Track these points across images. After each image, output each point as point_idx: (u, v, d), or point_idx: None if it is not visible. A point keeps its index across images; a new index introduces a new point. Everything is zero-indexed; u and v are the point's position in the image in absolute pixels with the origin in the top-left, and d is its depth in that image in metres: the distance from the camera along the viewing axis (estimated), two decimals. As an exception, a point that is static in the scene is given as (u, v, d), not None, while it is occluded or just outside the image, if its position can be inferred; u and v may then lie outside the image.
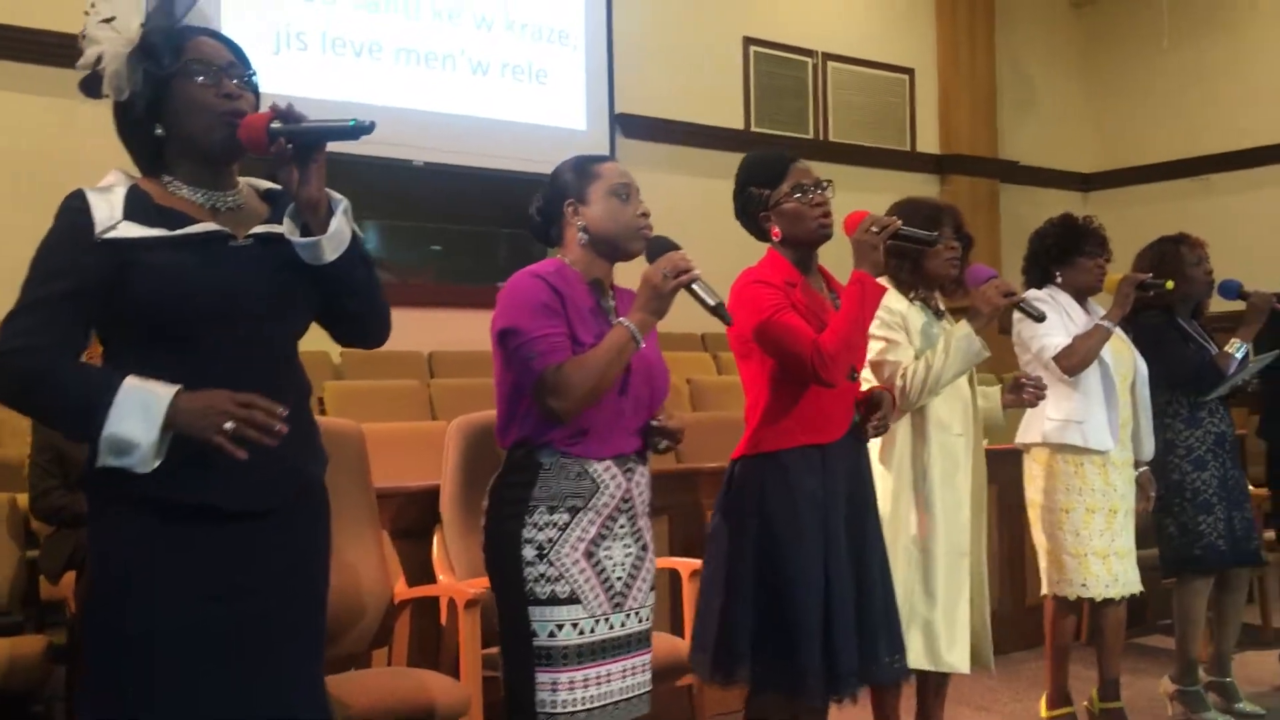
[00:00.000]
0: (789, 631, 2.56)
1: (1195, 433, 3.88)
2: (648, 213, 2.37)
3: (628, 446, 2.34)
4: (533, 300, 2.27)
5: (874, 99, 9.76)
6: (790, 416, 2.63)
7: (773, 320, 2.58)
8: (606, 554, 2.30)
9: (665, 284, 2.19)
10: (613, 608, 2.31)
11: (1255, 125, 9.63)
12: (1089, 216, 3.75)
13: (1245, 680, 4.36)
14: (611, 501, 2.31)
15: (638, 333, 2.21)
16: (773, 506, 2.60)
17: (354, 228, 1.91)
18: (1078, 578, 3.53)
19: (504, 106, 7.82)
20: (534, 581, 2.25)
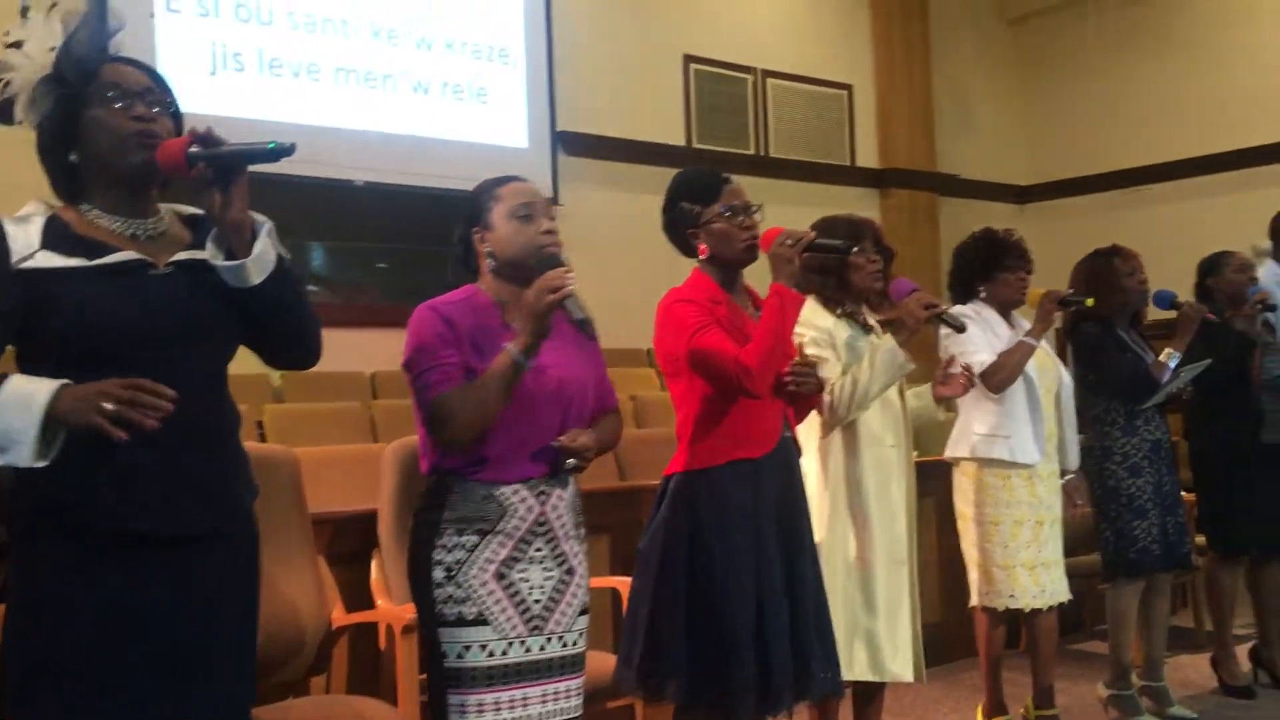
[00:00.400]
0: (721, 646, 2.57)
1: (1132, 440, 3.97)
2: (553, 230, 2.36)
3: (537, 470, 2.33)
4: (423, 332, 2.29)
5: (813, 115, 9.87)
6: (720, 432, 2.65)
7: (697, 338, 2.61)
8: (522, 577, 2.29)
9: (539, 303, 2.19)
10: (529, 631, 2.29)
11: (1184, 138, 9.86)
12: (1009, 230, 3.83)
13: (1179, 684, 4.46)
14: (523, 525, 2.30)
15: (520, 357, 2.21)
16: (705, 522, 2.62)
17: (280, 250, 1.91)
18: (1006, 589, 3.60)
19: (445, 125, 7.82)
20: (443, 603, 2.25)
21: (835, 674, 2.78)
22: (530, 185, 2.42)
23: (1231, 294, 4.41)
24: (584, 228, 8.38)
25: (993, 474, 3.62)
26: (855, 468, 3.12)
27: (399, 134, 7.59)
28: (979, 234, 3.85)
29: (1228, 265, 4.44)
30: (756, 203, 2.75)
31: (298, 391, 6.15)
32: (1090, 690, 4.26)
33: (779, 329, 2.61)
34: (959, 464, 3.74)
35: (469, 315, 2.31)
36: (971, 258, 3.80)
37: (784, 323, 2.61)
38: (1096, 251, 4.11)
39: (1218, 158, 9.62)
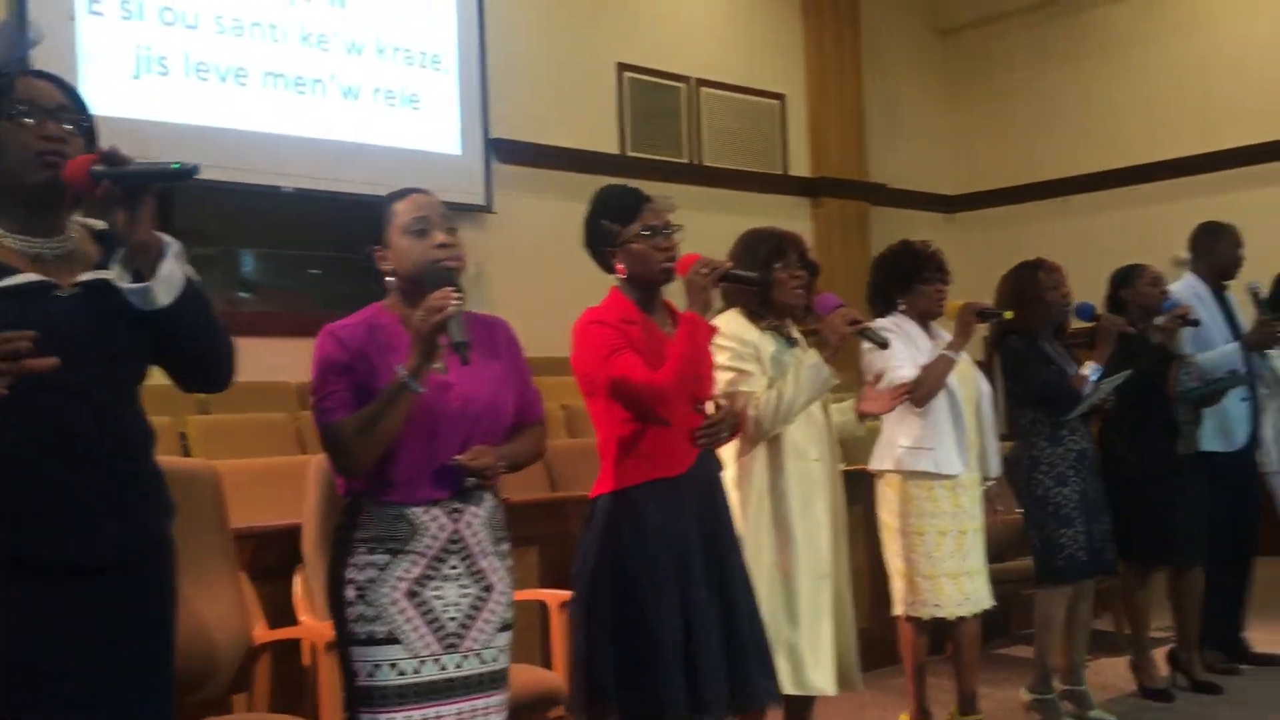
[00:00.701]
0: (651, 666, 2.58)
1: (1057, 450, 4.05)
2: (449, 242, 2.32)
3: (446, 490, 2.30)
4: (319, 359, 2.27)
5: (747, 124, 9.93)
6: (637, 452, 2.66)
7: (610, 362, 2.61)
8: (435, 595, 2.27)
9: (423, 325, 2.16)
10: (444, 649, 2.27)
11: (1109, 150, 10.07)
12: (926, 242, 3.88)
13: (1099, 687, 4.55)
14: (435, 544, 2.28)
15: (408, 379, 2.17)
16: (626, 543, 2.63)
17: (188, 271, 1.88)
18: (931, 598, 3.65)
19: (376, 131, 7.74)
20: (354, 621, 2.25)
21: (774, 682, 2.80)
22: (427, 197, 2.38)
23: (1144, 306, 4.51)
24: (517, 235, 8.37)
25: (917, 485, 3.67)
26: (779, 481, 3.15)
27: (329, 140, 7.50)
28: (896, 246, 3.90)
29: (1141, 278, 4.54)
30: (676, 224, 2.75)
31: (224, 402, 6.03)
32: (1014, 695, 4.33)
33: (689, 357, 2.61)
34: (882, 476, 3.78)
35: (366, 336, 2.28)
36: (890, 270, 3.85)
37: (695, 351, 2.62)
38: (1021, 265, 4.19)
39: (1141, 169, 9.84)
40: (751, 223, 9.49)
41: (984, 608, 3.75)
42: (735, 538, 2.84)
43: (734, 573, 2.77)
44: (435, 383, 2.24)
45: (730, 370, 3.12)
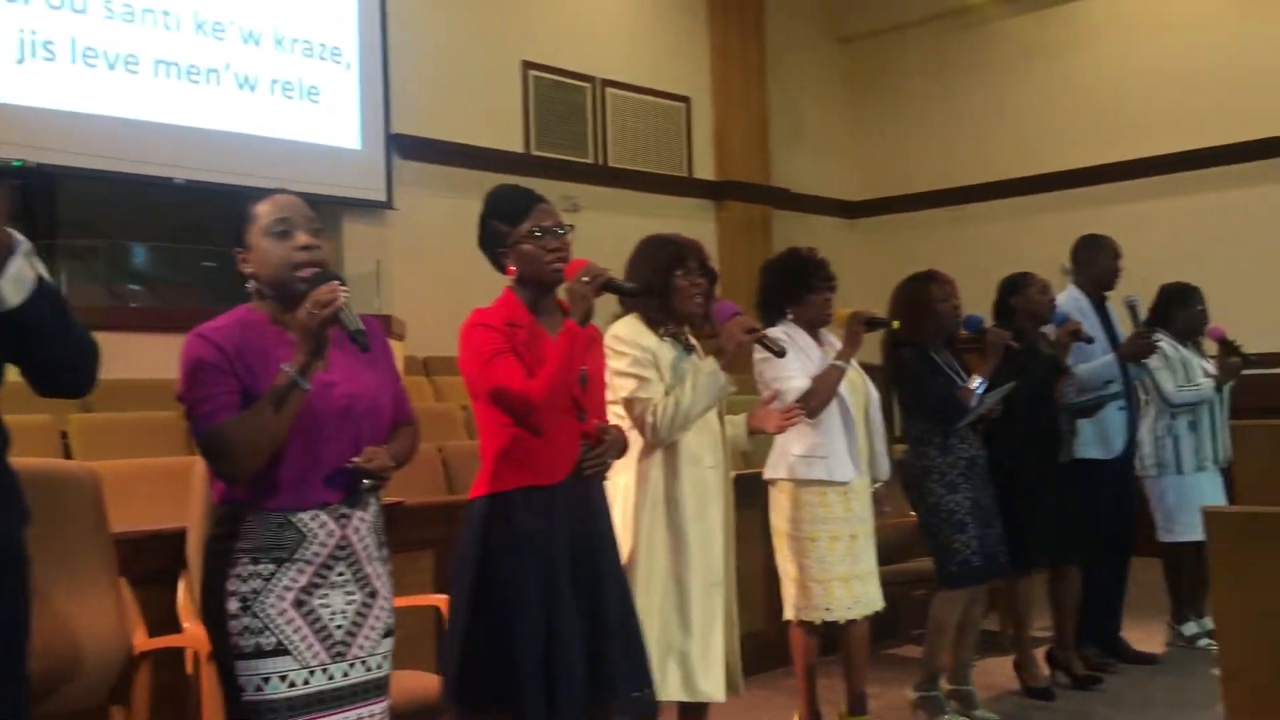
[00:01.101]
0: (512, 673, 2.56)
1: (948, 459, 4.13)
2: (310, 245, 2.26)
3: (332, 495, 2.25)
4: (192, 361, 2.18)
5: (652, 125, 9.97)
6: (514, 458, 2.64)
7: (487, 367, 2.59)
8: (322, 603, 2.23)
9: (311, 320, 2.12)
10: (332, 658, 2.24)
11: (1002, 160, 10.34)
12: (812, 249, 3.92)
13: (985, 686, 4.66)
14: (323, 551, 2.23)
15: (297, 377, 2.13)
16: (496, 547, 2.61)
17: (41, 271, 1.81)
18: (822, 602, 3.70)
19: (273, 124, 7.59)
20: (239, 634, 2.18)
21: (649, 693, 2.79)
22: (289, 199, 2.32)
23: (1033, 314, 4.63)
24: (419, 233, 8.29)
25: (810, 492, 3.72)
26: (674, 488, 3.14)
27: (224, 131, 7.33)
28: (784, 255, 3.93)
29: (1030, 286, 4.67)
30: (568, 225, 2.74)
31: (108, 400, 5.83)
32: (903, 694, 4.41)
33: (564, 370, 2.59)
34: (776, 483, 3.82)
35: (241, 338, 2.22)
36: (778, 279, 3.88)
37: (571, 361, 2.59)
38: (913, 276, 4.25)
39: (1038, 179, 10.12)
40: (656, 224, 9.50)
41: (874, 610, 3.81)
42: (612, 549, 2.81)
43: (605, 585, 2.73)
44: (316, 381, 2.18)
45: (631, 378, 3.12)
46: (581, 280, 2.60)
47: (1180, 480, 5.17)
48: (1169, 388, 5.12)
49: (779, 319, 3.85)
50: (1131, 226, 8.78)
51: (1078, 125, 9.94)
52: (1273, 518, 2.63)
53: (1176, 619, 5.39)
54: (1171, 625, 5.39)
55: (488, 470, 2.68)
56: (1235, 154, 9.05)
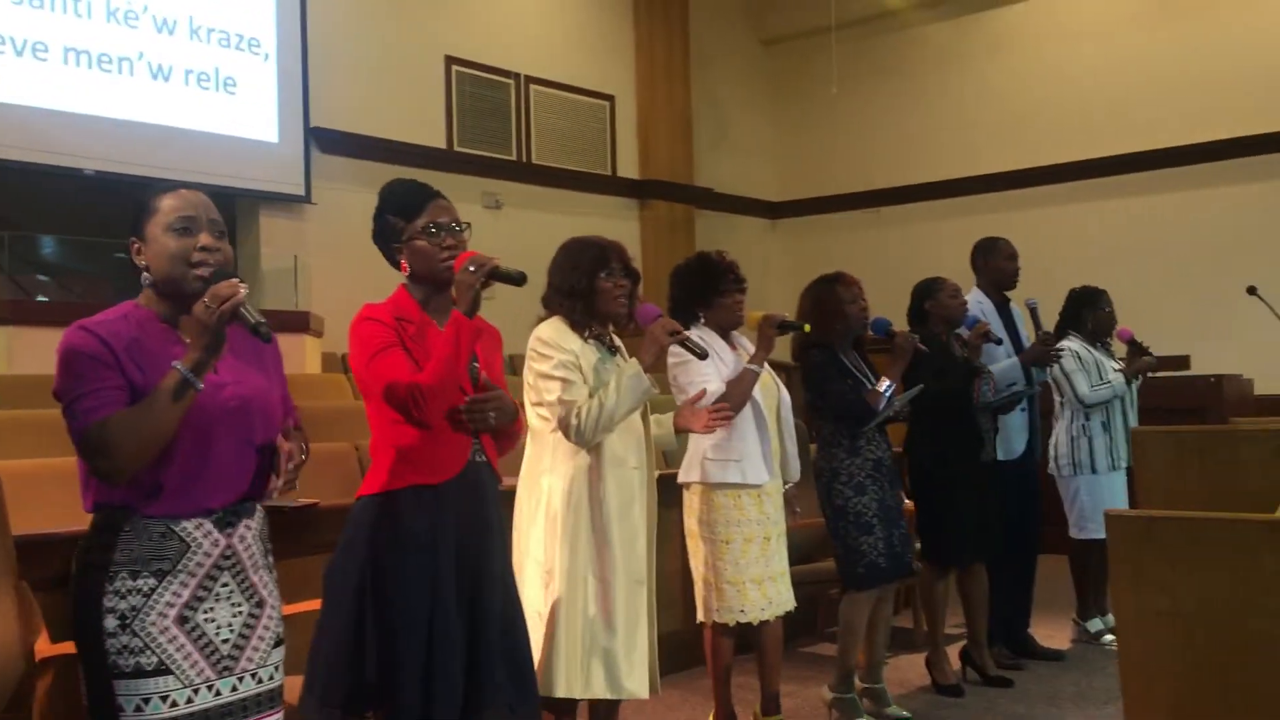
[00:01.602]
0: (390, 676, 2.52)
1: (856, 460, 4.17)
2: (211, 246, 2.19)
3: (222, 498, 2.19)
4: (74, 355, 2.08)
5: (576, 123, 9.96)
6: (403, 456, 2.59)
7: (374, 361, 2.55)
8: (207, 618, 2.15)
9: (210, 316, 2.04)
10: (219, 673, 2.16)
11: (921, 163, 10.53)
12: (721, 252, 3.93)
13: (897, 683, 4.75)
14: (207, 561, 2.16)
15: (191, 375, 2.05)
16: (380, 548, 2.55)
17: None
18: (736, 604, 3.73)
19: (188, 115, 7.43)
20: (117, 654, 2.07)
21: (527, 705, 2.72)
22: (198, 197, 2.24)
23: (945, 317, 4.72)
24: (338, 228, 8.16)
25: (724, 494, 3.75)
26: (599, 489, 3.15)
27: (137, 121, 7.16)
28: (694, 259, 3.95)
29: (942, 290, 4.75)
30: (464, 222, 2.70)
31: (10, 397, 5.68)
32: (818, 693, 4.47)
33: (452, 359, 2.52)
34: (690, 486, 3.84)
35: (128, 332, 2.14)
36: (689, 283, 3.89)
37: (458, 353, 2.52)
38: (820, 278, 4.29)
39: (950, 184, 10.32)
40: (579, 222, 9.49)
41: (787, 610, 3.86)
42: (501, 554, 2.76)
43: (493, 590, 2.67)
44: (206, 382, 2.11)
45: (556, 380, 3.12)
46: (468, 270, 2.54)
47: (1094, 480, 5.31)
48: (1084, 389, 5.25)
49: (691, 322, 3.86)
50: (1042, 230, 9.05)
51: (991, 131, 10.15)
52: (1169, 521, 2.73)
53: (1082, 615, 5.53)
54: (1077, 622, 5.53)
55: (376, 468, 2.62)
56: (1140, 162, 9.33)
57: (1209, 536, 2.62)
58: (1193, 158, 9.09)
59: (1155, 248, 9.18)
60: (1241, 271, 8.53)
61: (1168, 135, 9.18)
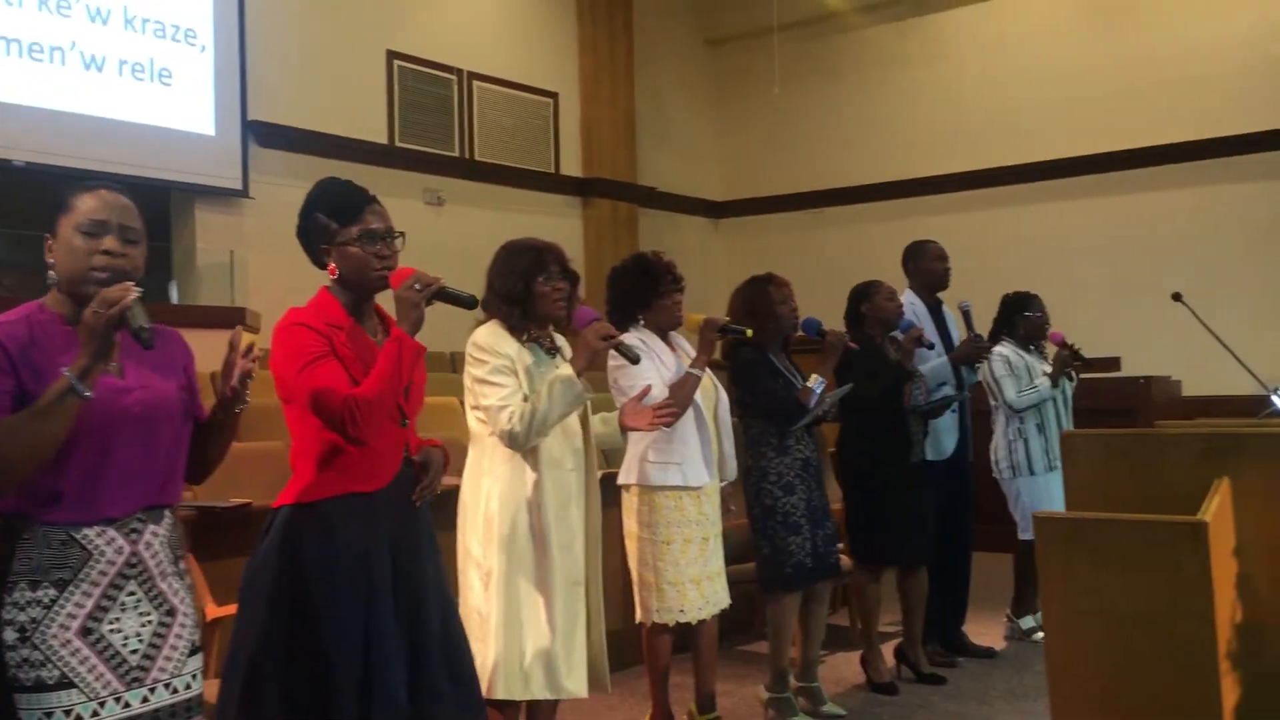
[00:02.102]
0: (324, 690, 2.44)
1: (784, 460, 4.21)
2: (115, 251, 2.15)
3: (125, 506, 2.14)
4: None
5: (519, 120, 9.91)
6: (334, 464, 2.52)
7: (308, 371, 2.47)
8: (113, 629, 2.10)
9: (97, 320, 1.99)
10: (127, 685, 2.11)
11: (861, 165, 10.61)
12: (658, 253, 3.95)
13: (832, 681, 4.80)
14: (111, 569, 2.11)
15: (78, 382, 1.98)
16: (310, 558, 2.48)
17: None
18: (676, 604, 3.75)
19: (122, 106, 7.27)
20: (17, 667, 2.02)
21: (472, 710, 2.69)
22: (117, 199, 2.20)
23: (881, 320, 4.78)
24: (276, 223, 7.97)
25: (665, 496, 3.77)
26: (536, 491, 3.16)
27: (68, 112, 6.99)
28: (631, 261, 3.96)
29: (878, 293, 4.81)
30: (399, 231, 2.65)
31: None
32: (754, 691, 4.50)
33: (393, 378, 2.48)
34: (629, 489, 3.85)
35: (25, 335, 2.09)
36: (627, 284, 3.90)
37: (399, 371, 2.48)
38: (751, 279, 4.33)
39: (889, 185, 10.42)
40: (522, 220, 9.43)
41: (723, 608, 3.88)
42: (434, 560, 2.71)
43: (429, 598, 2.63)
44: (110, 386, 2.08)
45: (492, 385, 3.11)
46: (413, 288, 2.50)
47: (1032, 481, 5.40)
48: (1011, 395, 5.34)
49: (630, 324, 3.87)
50: (979, 233, 9.19)
51: (930, 134, 10.27)
52: (1096, 523, 2.78)
53: (1016, 613, 5.62)
54: (1010, 618, 5.63)
55: (302, 477, 2.54)
56: (1075, 167, 9.49)
57: (1134, 538, 2.67)
58: (1126, 163, 9.27)
59: (1089, 251, 9.34)
60: (1171, 275, 8.69)
61: (1101, 141, 9.35)
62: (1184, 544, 2.59)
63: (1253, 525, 2.70)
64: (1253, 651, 2.67)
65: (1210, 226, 8.92)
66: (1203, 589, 2.57)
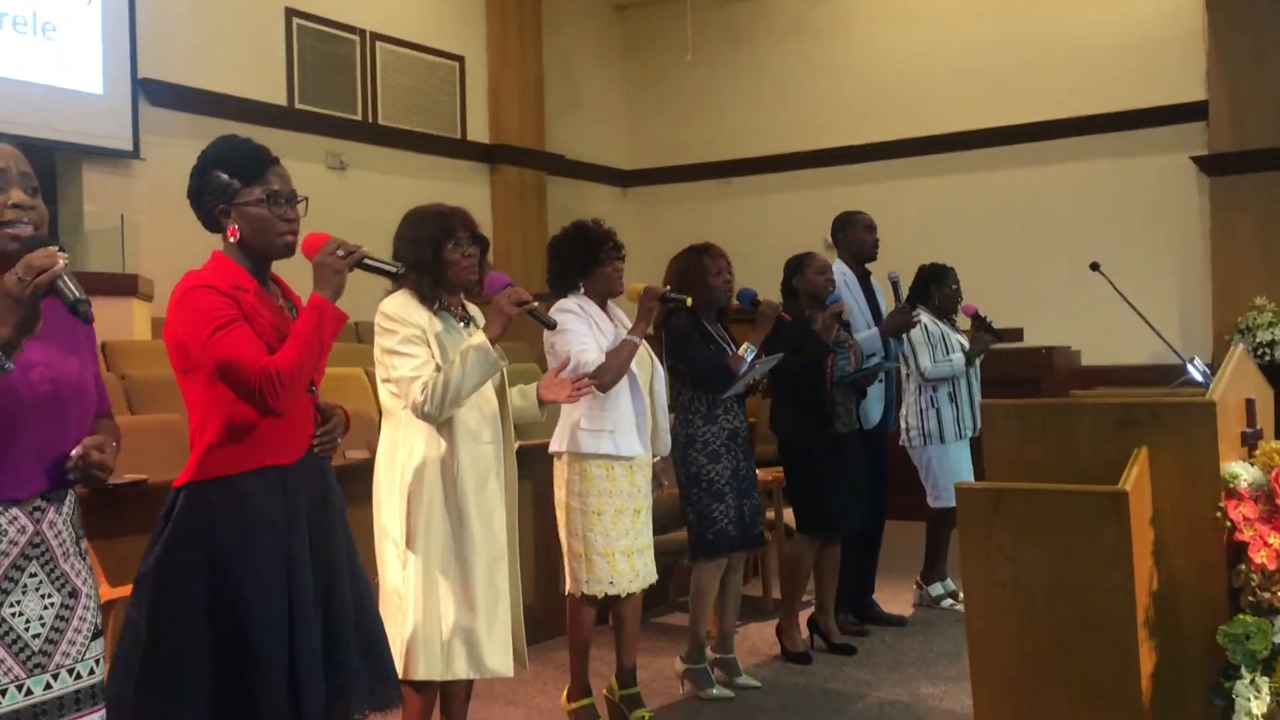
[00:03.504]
0: (248, 672, 2.32)
1: (712, 428, 4.20)
2: (24, 204, 2.02)
3: (28, 487, 2.02)
4: None
5: (424, 84, 9.67)
6: (246, 438, 2.37)
7: (218, 337, 2.32)
8: (14, 611, 2.00)
9: (23, 290, 1.85)
10: (29, 671, 2.01)
11: (770, 134, 10.61)
12: (598, 221, 3.90)
13: (746, 651, 4.80)
14: (13, 549, 2.00)
15: (2, 355, 1.86)
16: (226, 537, 2.33)
17: None
18: (606, 576, 3.70)
19: (3, 62, 6.88)
20: None
21: (387, 686, 2.59)
22: (8, 149, 2.07)
23: (812, 294, 4.77)
24: (169, 185, 7.62)
25: (597, 465, 3.71)
26: (452, 464, 3.07)
27: (-57, 66, 6.61)
28: (571, 229, 3.90)
29: (809, 267, 4.81)
30: (302, 194, 2.51)
31: None
32: (669, 663, 4.48)
33: (314, 345, 2.36)
34: (562, 457, 3.79)
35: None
36: (569, 253, 3.85)
37: (321, 339, 2.37)
38: (688, 249, 4.31)
39: (799, 155, 10.44)
40: (427, 186, 9.22)
41: (650, 583, 3.84)
42: (346, 532, 2.59)
43: (342, 572, 2.52)
44: (17, 361, 1.93)
45: (402, 355, 3.01)
46: (335, 254, 2.39)
47: (943, 450, 5.46)
48: (925, 362, 5.39)
49: (570, 291, 3.82)
50: (888, 204, 9.21)
51: (840, 105, 10.31)
52: (1017, 494, 2.78)
53: (926, 580, 5.69)
54: (920, 585, 5.69)
55: (206, 452, 2.38)
56: (975, 140, 9.62)
57: (1055, 508, 2.68)
58: (1028, 136, 9.41)
59: (992, 223, 9.49)
60: (1074, 246, 8.91)
61: (1007, 113, 9.47)
62: (1105, 514, 2.60)
63: (1168, 494, 2.73)
64: (1169, 620, 2.71)
65: (1110, 200, 9.13)
66: (1123, 558, 2.60)
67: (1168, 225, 8.96)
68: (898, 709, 4.15)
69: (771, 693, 4.34)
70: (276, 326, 2.41)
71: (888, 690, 4.34)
